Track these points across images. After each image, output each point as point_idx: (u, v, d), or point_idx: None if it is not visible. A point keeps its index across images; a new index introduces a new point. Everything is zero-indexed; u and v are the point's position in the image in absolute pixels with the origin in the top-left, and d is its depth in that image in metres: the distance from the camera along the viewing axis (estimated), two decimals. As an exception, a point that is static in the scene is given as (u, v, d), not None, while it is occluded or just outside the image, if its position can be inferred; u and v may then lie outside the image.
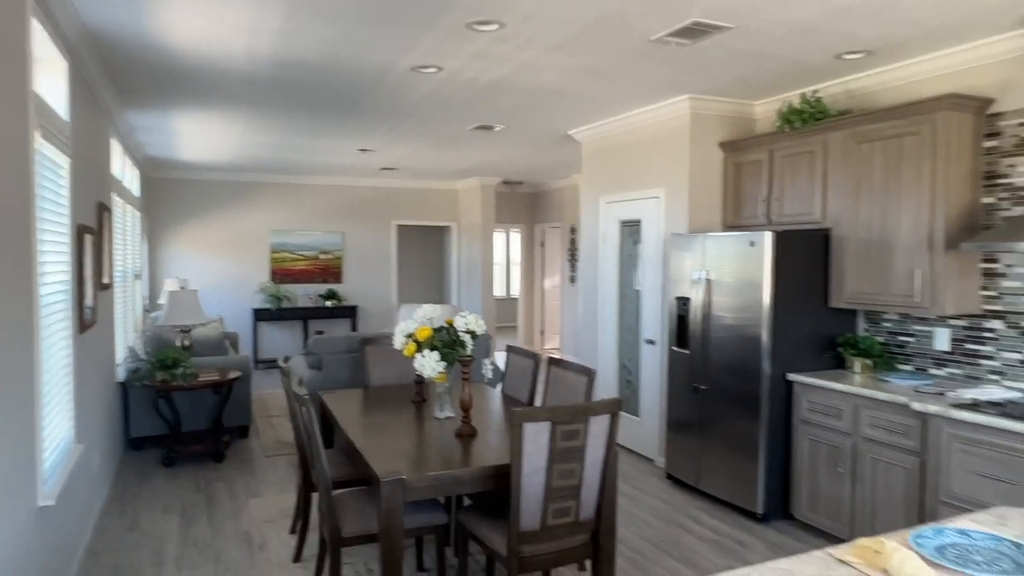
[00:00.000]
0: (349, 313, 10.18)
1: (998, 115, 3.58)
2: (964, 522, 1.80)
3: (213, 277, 9.57)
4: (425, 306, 3.60)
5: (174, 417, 5.31)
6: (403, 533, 2.70)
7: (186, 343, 5.65)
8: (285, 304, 9.81)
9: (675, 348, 4.75)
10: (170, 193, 9.29)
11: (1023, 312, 3.48)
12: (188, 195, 9.39)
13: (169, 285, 8.03)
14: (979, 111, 3.61)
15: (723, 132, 5.06)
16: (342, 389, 4.70)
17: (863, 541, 1.59)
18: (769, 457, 4.06)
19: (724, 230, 4.97)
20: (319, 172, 9.51)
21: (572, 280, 9.95)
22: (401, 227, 11.11)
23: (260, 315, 9.66)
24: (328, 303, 10.04)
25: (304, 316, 9.90)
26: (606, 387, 5.95)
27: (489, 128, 6.14)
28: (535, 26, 3.45)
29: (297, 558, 3.57)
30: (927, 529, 1.70)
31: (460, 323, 3.37)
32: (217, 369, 5.67)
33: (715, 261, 4.39)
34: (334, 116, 5.66)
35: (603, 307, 6.02)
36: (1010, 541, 1.63)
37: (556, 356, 5.16)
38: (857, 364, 4.03)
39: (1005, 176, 3.56)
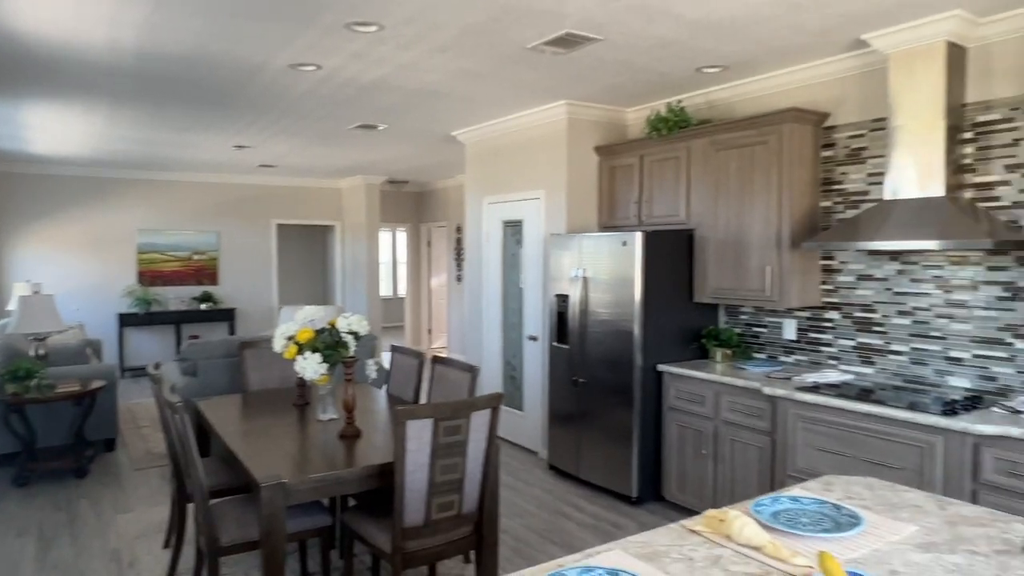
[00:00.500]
0: (226, 316, 9.74)
1: (833, 128, 4.01)
2: (797, 490, 2.05)
3: (72, 281, 8.87)
4: (307, 307, 3.56)
5: (28, 433, 4.90)
6: (285, 538, 2.68)
7: (41, 352, 5.23)
8: (155, 308, 9.25)
9: (556, 344, 4.95)
10: (19, 189, 8.51)
11: (855, 304, 3.92)
12: (41, 192, 8.63)
13: (20, 290, 7.37)
14: (817, 124, 4.03)
15: (598, 137, 5.31)
16: (220, 395, 4.53)
17: (711, 512, 1.78)
18: (642, 443, 4.33)
19: (601, 230, 5.23)
20: (191, 168, 9.04)
21: (459, 279, 10.03)
22: (282, 226, 10.76)
23: (126, 320, 9.05)
24: (203, 306, 9.56)
25: (176, 320, 9.37)
26: (491, 384, 6.08)
27: (372, 127, 6.10)
28: (414, 29, 3.50)
29: (172, 573, 3.43)
30: (765, 498, 1.92)
31: (343, 324, 3.37)
32: (78, 379, 5.29)
33: (591, 260, 4.62)
34: (206, 111, 5.43)
35: (488, 306, 6.15)
36: (832, 504, 1.88)
37: (443, 355, 5.21)
38: (718, 354, 4.38)
39: (839, 183, 3.99)
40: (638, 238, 4.28)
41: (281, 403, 3.93)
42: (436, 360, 3.96)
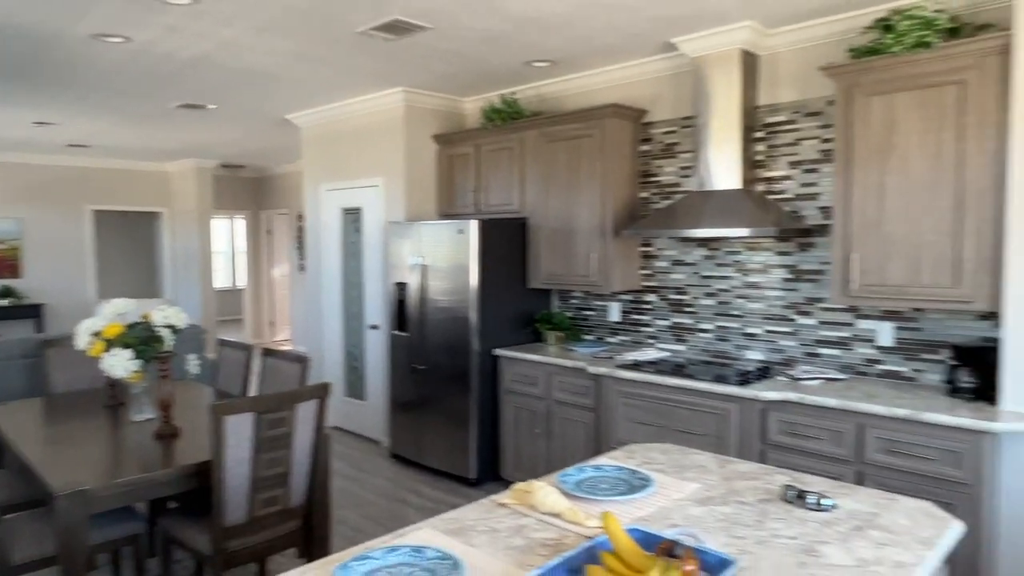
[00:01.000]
0: (32, 313, 8.73)
1: (650, 124, 4.32)
2: (603, 460, 2.21)
3: None
4: (116, 300, 3.29)
5: None
6: (87, 550, 2.48)
7: None
8: (-60, 305, 8.10)
9: (396, 332, 4.94)
10: None
11: (670, 287, 4.26)
12: None
13: None
14: (636, 120, 4.32)
15: (437, 125, 5.34)
16: (17, 400, 4.08)
17: (519, 485, 1.88)
18: (480, 426, 4.45)
19: (441, 218, 5.27)
20: (-17, 146, 7.98)
21: (301, 268, 9.68)
22: (99, 213, 9.79)
23: (-97, 320, 7.86)
24: (4, 301, 8.51)
25: (-31, 319, 8.28)
26: (332, 374, 5.96)
27: (199, 107, 5.71)
28: (233, 5, 3.32)
29: (-44, 600, 3.05)
30: (571, 469, 2.06)
31: (158, 317, 3.15)
32: None
33: (430, 248, 4.65)
34: (-5, 82, 4.82)
35: (328, 295, 6.00)
36: (630, 469, 2.05)
37: (284, 348, 5.01)
38: (552, 337, 4.59)
39: (656, 175, 4.31)
40: (474, 226, 4.36)
41: (91, 405, 3.61)
42: (266, 352, 3.82)
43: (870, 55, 3.13)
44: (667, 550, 1.42)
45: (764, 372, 3.55)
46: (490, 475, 4.53)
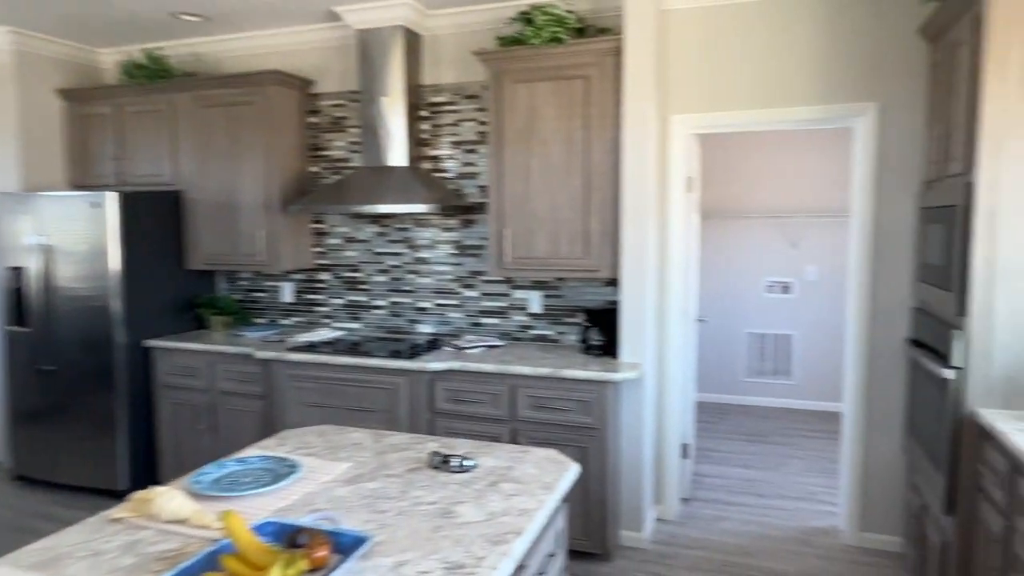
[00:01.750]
0: None
1: (318, 95, 4.15)
2: (251, 451, 2.05)
3: None
4: None
5: None
6: None
7: None
8: None
9: (12, 328, 4.05)
10: None
11: (344, 264, 4.18)
12: None
13: None
14: (303, 90, 4.11)
15: (62, 78, 4.46)
16: None
17: (138, 494, 1.63)
18: (132, 430, 3.89)
19: (72, 190, 4.44)
20: None
21: None
22: None
23: None
24: None
25: None
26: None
27: None
28: None
29: None
30: (210, 466, 1.86)
31: None
32: None
33: (56, 225, 3.88)
34: None
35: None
36: (278, 457, 1.92)
37: None
38: (217, 323, 4.19)
39: (325, 149, 4.16)
40: (112, 199, 3.75)
41: None
42: None
43: (515, 44, 3.38)
44: (292, 540, 1.34)
45: (434, 344, 3.68)
46: (146, 482, 4.00)
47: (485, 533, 1.50)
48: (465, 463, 1.88)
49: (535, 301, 3.76)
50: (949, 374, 2.37)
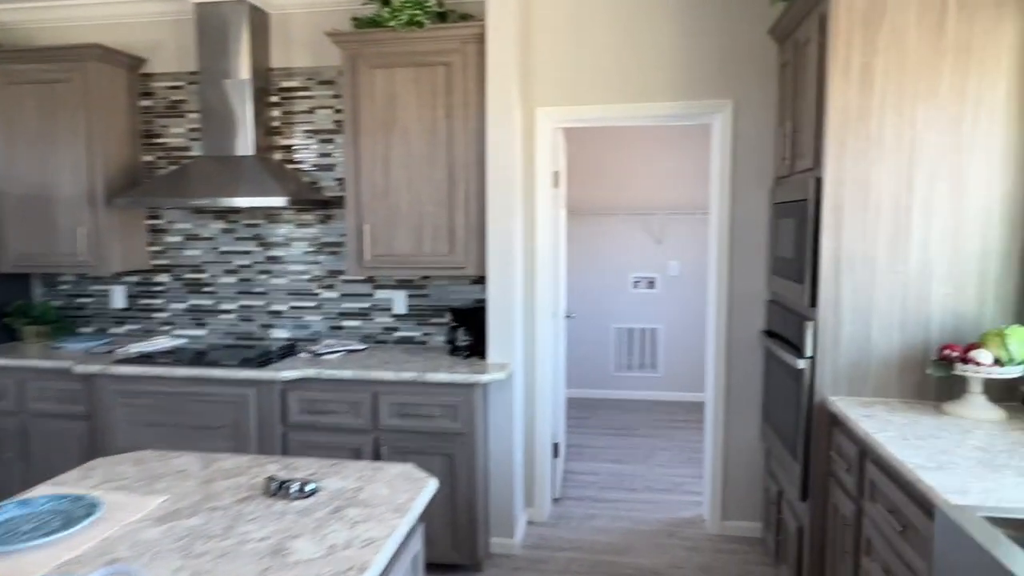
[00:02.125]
0: None
1: (151, 76, 3.70)
2: (44, 488, 1.71)
3: None
4: None
5: None
6: None
7: None
8: None
9: None
10: None
11: (185, 265, 3.76)
12: None
13: None
14: (132, 68, 3.65)
15: None
16: None
17: None
18: (-80, 462, 3.29)
19: None
20: None
21: None
22: None
23: None
24: None
25: None
26: None
27: None
28: None
29: None
30: (-18, 512, 1.52)
31: None
32: None
33: None
34: None
35: None
36: (74, 496, 1.61)
37: None
38: (32, 334, 3.64)
39: (160, 136, 3.72)
40: None
41: None
42: None
43: (371, 27, 3.15)
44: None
45: (289, 350, 3.38)
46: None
47: (321, 573, 1.30)
48: (306, 488, 1.66)
49: (399, 301, 3.55)
50: (802, 364, 2.43)
